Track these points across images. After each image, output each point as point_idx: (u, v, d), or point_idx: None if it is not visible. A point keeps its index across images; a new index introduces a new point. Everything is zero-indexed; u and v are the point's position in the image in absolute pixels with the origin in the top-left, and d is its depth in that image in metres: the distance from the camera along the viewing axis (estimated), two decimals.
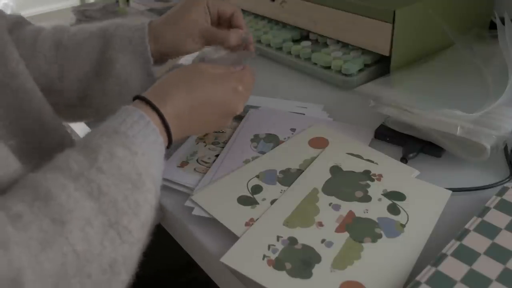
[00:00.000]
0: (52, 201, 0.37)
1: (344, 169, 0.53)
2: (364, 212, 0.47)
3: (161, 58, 0.62)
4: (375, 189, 0.50)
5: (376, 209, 0.47)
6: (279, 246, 0.44)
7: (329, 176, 0.53)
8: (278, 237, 0.45)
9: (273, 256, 0.43)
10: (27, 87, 0.52)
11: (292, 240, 0.45)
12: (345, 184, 0.51)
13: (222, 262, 0.43)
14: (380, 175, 0.52)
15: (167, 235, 0.55)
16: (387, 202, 0.48)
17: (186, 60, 0.63)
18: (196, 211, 0.49)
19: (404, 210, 0.47)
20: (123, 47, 0.59)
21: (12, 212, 0.35)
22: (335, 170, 0.53)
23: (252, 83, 0.55)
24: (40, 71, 0.58)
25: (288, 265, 0.42)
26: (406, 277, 0.40)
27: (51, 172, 0.39)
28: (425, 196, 0.49)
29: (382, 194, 0.49)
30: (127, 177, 0.40)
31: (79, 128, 0.72)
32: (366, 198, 0.49)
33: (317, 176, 0.53)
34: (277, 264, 0.42)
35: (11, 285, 0.32)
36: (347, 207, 0.48)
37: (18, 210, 0.35)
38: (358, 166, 0.54)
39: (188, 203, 0.50)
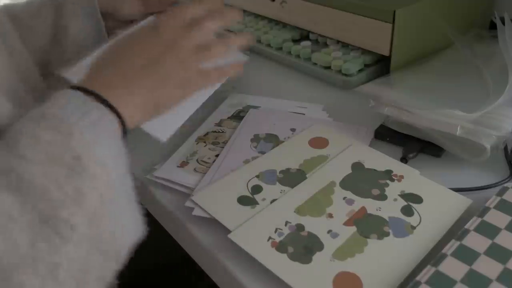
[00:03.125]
0: None
1: (367, 166, 0.54)
2: (377, 210, 0.47)
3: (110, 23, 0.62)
4: (393, 189, 0.50)
5: (389, 208, 0.48)
6: (286, 231, 0.45)
7: (349, 171, 0.53)
8: (286, 222, 0.46)
9: (278, 239, 0.44)
10: None
11: (299, 227, 0.46)
12: (364, 180, 0.51)
13: (229, 238, 0.45)
14: (402, 176, 0.52)
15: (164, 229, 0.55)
16: (402, 203, 0.48)
17: None
18: (196, 212, 0.49)
19: (418, 213, 0.47)
20: (74, 13, 0.60)
21: None
22: (357, 166, 0.54)
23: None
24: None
25: (290, 249, 0.43)
26: (403, 278, 0.40)
27: None
28: (443, 202, 0.48)
29: (399, 195, 0.49)
30: (59, 161, 0.33)
31: None
32: (382, 197, 0.49)
33: (337, 170, 0.53)
34: (280, 247, 0.43)
35: None
36: (360, 202, 0.48)
37: None
38: (382, 164, 0.54)
39: (188, 204, 0.50)
